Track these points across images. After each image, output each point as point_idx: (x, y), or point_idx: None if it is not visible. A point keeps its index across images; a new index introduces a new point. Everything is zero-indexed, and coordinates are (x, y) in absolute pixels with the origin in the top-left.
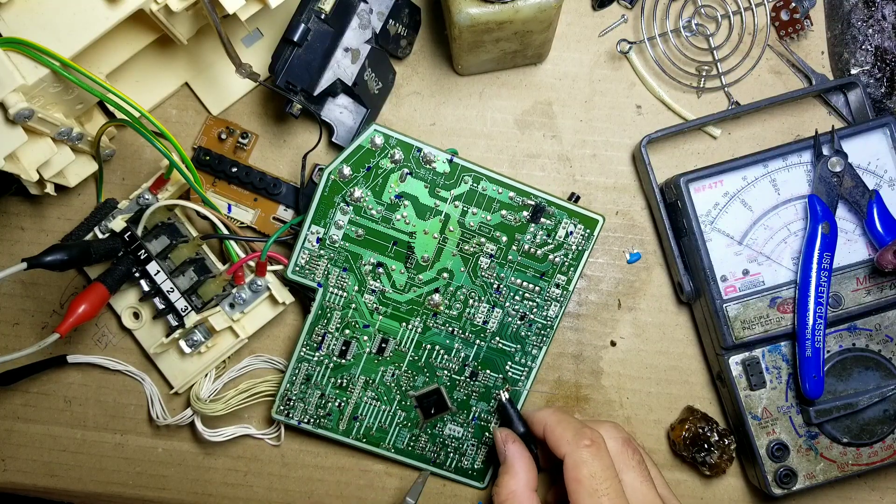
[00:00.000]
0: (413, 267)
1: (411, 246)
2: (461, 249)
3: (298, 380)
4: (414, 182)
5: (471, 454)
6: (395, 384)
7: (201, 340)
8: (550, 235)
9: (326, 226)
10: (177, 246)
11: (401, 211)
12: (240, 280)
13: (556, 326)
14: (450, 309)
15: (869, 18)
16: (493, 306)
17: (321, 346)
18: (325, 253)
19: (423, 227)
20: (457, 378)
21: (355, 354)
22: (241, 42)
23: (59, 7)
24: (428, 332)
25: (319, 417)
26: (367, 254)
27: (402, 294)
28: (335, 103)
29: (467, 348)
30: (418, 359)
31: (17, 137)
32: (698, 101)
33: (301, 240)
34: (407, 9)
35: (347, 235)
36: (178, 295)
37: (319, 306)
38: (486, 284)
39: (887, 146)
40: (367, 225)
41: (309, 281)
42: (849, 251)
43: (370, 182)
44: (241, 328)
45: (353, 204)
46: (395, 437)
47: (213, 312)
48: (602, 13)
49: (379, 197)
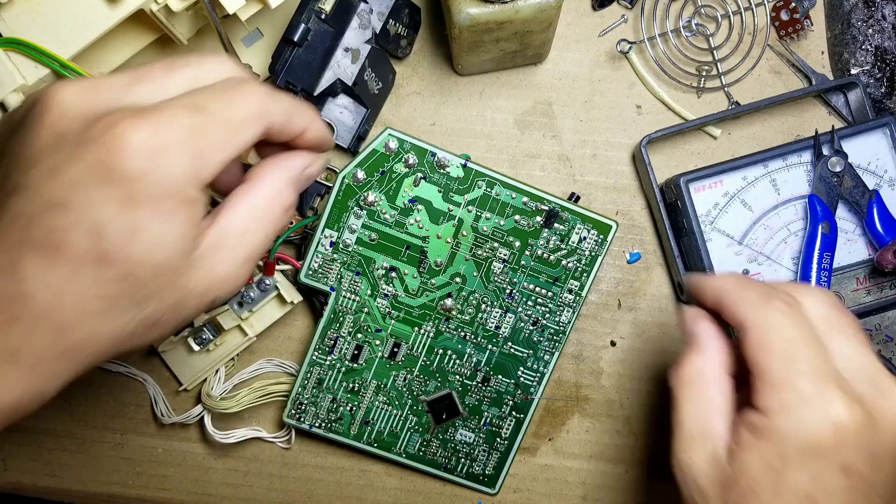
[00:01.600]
0: (426, 271)
1: (424, 250)
2: (474, 254)
3: (310, 384)
4: (427, 186)
5: (482, 459)
6: (407, 389)
7: (210, 338)
8: (564, 241)
9: (340, 230)
10: None
11: (414, 215)
12: (248, 279)
13: (569, 332)
14: (462, 314)
15: (869, 18)
16: (505, 311)
17: (333, 350)
18: (339, 257)
19: (437, 232)
20: (468, 383)
21: (367, 359)
22: (241, 42)
23: (59, 7)
24: (440, 336)
25: (331, 422)
26: (381, 258)
27: (415, 298)
28: (335, 103)
29: (479, 353)
30: (430, 363)
31: None
32: (698, 101)
33: (314, 244)
34: (407, 9)
35: (361, 240)
36: None
37: (332, 310)
38: (499, 289)
39: (887, 146)
40: (380, 229)
41: (322, 285)
42: (849, 251)
43: (384, 186)
44: (250, 326)
45: (366, 208)
46: (406, 442)
47: (221, 311)
48: (602, 13)
49: (392, 201)
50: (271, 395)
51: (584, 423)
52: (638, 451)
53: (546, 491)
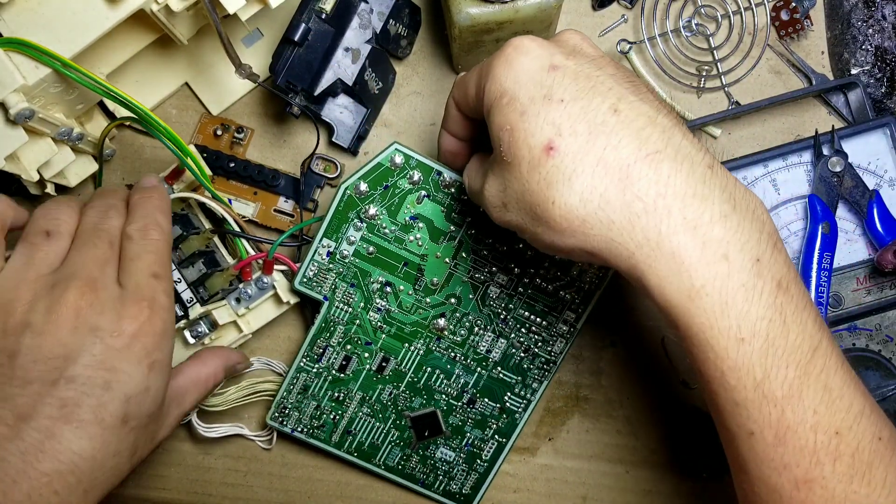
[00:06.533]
0: (422, 289)
1: (422, 268)
2: (472, 277)
3: (296, 389)
4: (431, 205)
5: (460, 479)
6: (392, 403)
7: (206, 332)
8: (564, 271)
9: (338, 240)
10: (188, 237)
11: (414, 232)
12: (247, 276)
13: (560, 363)
14: (454, 334)
15: (869, 18)
16: (498, 336)
17: (322, 358)
18: (335, 267)
19: (436, 251)
20: (454, 403)
21: (355, 370)
22: (241, 42)
23: (59, 7)
24: (430, 355)
25: (313, 428)
26: (377, 272)
27: (408, 315)
28: (335, 103)
29: (468, 375)
30: (417, 380)
31: (18, 138)
32: (698, 101)
33: (312, 252)
34: (407, 9)
35: (358, 252)
36: (185, 286)
37: (324, 319)
38: (494, 314)
39: (887, 146)
40: (378, 243)
41: (315, 293)
42: (849, 251)
43: (386, 201)
44: (246, 323)
45: (367, 221)
46: (386, 455)
47: (218, 306)
48: (602, 13)
49: (394, 216)
50: (258, 393)
51: (584, 423)
52: (638, 451)
53: (546, 491)
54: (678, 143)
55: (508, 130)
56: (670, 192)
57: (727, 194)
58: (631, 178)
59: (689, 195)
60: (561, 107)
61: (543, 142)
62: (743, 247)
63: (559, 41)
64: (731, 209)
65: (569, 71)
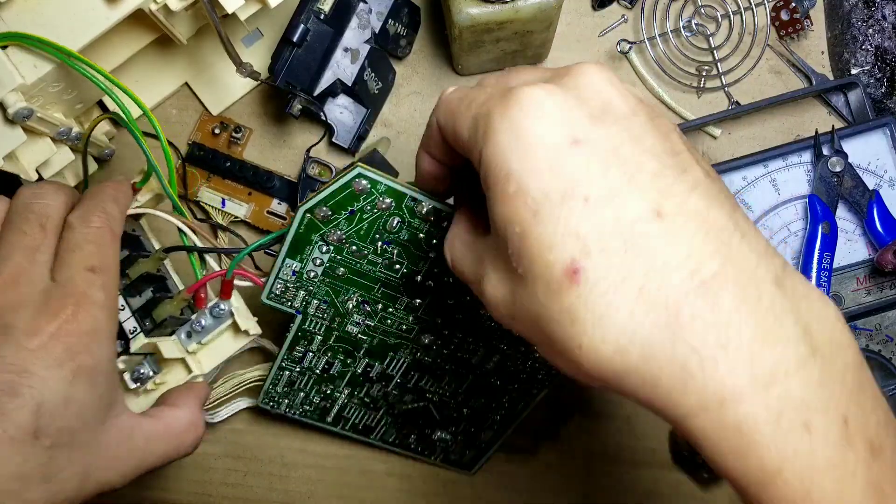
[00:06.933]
0: (402, 308)
1: (401, 290)
2: (458, 300)
3: (282, 382)
4: (406, 231)
5: (459, 451)
6: (382, 399)
7: (149, 374)
8: None
9: (303, 262)
10: (137, 261)
11: (390, 255)
12: (200, 303)
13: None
14: (444, 349)
15: (869, 18)
16: (490, 352)
17: (303, 360)
18: (304, 285)
19: (417, 275)
20: (448, 400)
21: (339, 371)
22: (241, 42)
23: (58, 6)
24: (417, 364)
25: (306, 411)
26: (352, 290)
27: (390, 329)
28: (335, 103)
29: (459, 381)
30: (407, 381)
31: (17, 137)
32: (698, 101)
33: (276, 270)
34: (407, 9)
35: (328, 272)
36: (129, 313)
37: (298, 330)
38: (489, 329)
39: (887, 146)
40: (350, 266)
41: (286, 308)
42: (849, 251)
43: (353, 226)
44: (196, 363)
45: (332, 244)
46: (382, 433)
47: (163, 339)
48: (602, 13)
49: (364, 240)
50: (244, 383)
51: (584, 423)
52: (638, 452)
53: (546, 490)
54: (737, 252)
55: (518, 234)
56: (734, 339)
57: (802, 325)
58: (682, 319)
59: (759, 339)
60: (587, 210)
61: (565, 261)
62: (827, 405)
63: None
64: (810, 351)
65: (597, 150)
